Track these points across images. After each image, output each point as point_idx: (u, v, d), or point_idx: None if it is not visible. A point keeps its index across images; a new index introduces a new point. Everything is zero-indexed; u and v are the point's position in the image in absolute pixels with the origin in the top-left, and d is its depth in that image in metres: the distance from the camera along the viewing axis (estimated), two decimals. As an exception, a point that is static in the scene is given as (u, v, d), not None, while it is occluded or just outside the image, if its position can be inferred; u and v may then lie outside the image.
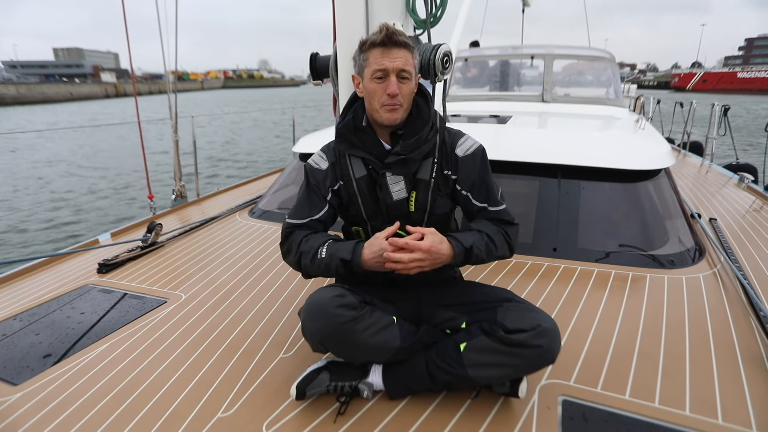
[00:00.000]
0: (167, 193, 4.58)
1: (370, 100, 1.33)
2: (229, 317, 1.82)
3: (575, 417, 1.25)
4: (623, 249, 2.23)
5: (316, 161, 1.46)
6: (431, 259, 1.26)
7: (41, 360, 1.58)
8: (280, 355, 1.56)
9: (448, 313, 1.40)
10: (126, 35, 3.54)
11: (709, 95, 40.72)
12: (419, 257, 1.24)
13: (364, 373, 1.35)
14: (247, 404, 1.32)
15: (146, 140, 4.19)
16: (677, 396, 1.32)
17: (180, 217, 3.33)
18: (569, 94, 4.25)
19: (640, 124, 3.26)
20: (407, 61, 1.30)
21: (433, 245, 1.25)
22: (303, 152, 2.99)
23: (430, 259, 1.26)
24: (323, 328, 1.23)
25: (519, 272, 2.13)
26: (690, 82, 66.11)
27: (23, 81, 61.73)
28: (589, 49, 4.62)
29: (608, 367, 1.46)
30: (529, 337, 1.19)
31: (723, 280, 2.05)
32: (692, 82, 65.62)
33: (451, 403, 1.31)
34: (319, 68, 2.32)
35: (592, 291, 1.94)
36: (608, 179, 2.40)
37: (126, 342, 1.67)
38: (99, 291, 2.10)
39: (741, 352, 1.53)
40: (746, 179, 3.97)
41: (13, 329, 1.78)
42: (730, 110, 6.02)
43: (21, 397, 1.39)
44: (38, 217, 7.83)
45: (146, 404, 1.33)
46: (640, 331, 1.65)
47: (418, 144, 1.36)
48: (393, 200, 1.40)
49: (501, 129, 2.91)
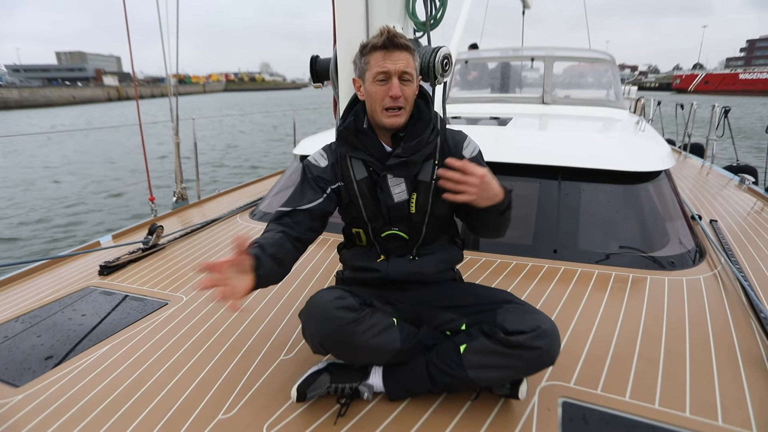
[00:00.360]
0: (168, 195, 4.60)
1: (372, 102, 1.34)
2: (229, 319, 1.82)
3: (575, 419, 1.25)
4: (623, 251, 2.23)
5: (316, 158, 1.46)
6: (482, 187, 1.21)
7: (43, 362, 1.58)
8: (280, 357, 1.57)
9: (448, 315, 1.40)
10: (128, 38, 3.56)
11: (711, 97, 40.49)
12: (474, 182, 1.20)
13: (365, 374, 1.35)
14: (248, 406, 1.33)
15: (147, 144, 4.20)
16: (677, 397, 1.32)
17: (181, 219, 3.34)
18: (570, 96, 4.26)
19: (641, 125, 3.26)
20: (409, 63, 1.30)
21: (487, 174, 1.21)
22: (304, 154, 2.99)
23: (481, 188, 1.21)
24: (323, 329, 1.24)
25: (519, 274, 2.13)
26: (692, 83, 66.01)
27: (26, 85, 61.96)
28: (589, 51, 4.62)
29: (608, 368, 1.46)
30: (529, 339, 1.20)
31: (723, 282, 2.04)
32: (694, 84, 65.53)
33: (451, 405, 1.31)
34: (320, 71, 2.33)
35: (592, 293, 1.94)
36: (608, 181, 2.41)
37: (127, 344, 1.67)
38: (100, 293, 2.11)
39: (741, 354, 1.53)
40: (747, 180, 3.97)
41: (15, 331, 1.79)
42: (732, 112, 6.02)
43: (23, 398, 1.39)
44: (39, 218, 7.87)
45: (147, 406, 1.34)
46: (641, 333, 1.65)
47: (420, 146, 1.36)
48: (394, 202, 1.41)
49: (501, 131, 2.91)
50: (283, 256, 1.27)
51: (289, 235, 1.32)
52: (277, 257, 1.24)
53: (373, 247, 1.50)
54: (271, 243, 1.25)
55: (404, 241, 1.46)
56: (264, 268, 1.17)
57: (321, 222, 1.42)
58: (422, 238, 1.46)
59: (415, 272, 1.46)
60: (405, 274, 1.46)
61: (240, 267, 1.11)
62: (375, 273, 1.47)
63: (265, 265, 1.18)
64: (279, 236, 1.30)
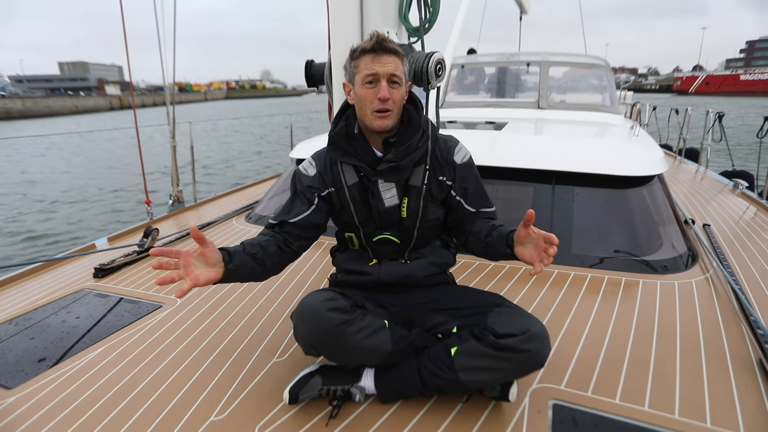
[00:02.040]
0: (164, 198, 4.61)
1: (362, 106, 1.35)
2: (223, 322, 1.83)
3: (565, 421, 1.26)
4: (616, 254, 2.25)
5: (305, 167, 1.49)
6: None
7: (36, 364, 1.59)
8: (273, 359, 1.57)
9: (440, 318, 1.41)
10: (125, 48, 3.62)
11: (713, 98, 39.92)
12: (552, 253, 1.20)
13: (356, 377, 1.35)
14: (240, 407, 1.33)
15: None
16: (667, 400, 1.33)
17: (177, 222, 3.35)
18: (565, 101, 4.28)
19: (635, 130, 3.28)
20: (397, 67, 1.32)
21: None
22: (300, 158, 3.01)
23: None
24: (315, 330, 1.25)
25: (512, 277, 2.14)
26: (692, 85, 65.97)
27: (29, 95, 62.24)
28: (584, 57, 4.65)
29: (599, 371, 1.46)
30: (519, 342, 1.20)
31: (715, 286, 2.05)
32: (695, 86, 65.48)
33: (443, 407, 1.32)
34: (315, 75, 2.35)
35: (584, 296, 1.95)
36: (602, 185, 2.42)
37: (121, 346, 1.68)
38: (95, 295, 2.11)
39: (731, 357, 1.53)
40: (740, 186, 3.98)
41: (8, 333, 1.79)
42: (727, 116, 6.01)
43: (15, 400, 1.40)
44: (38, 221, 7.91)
45: (140, 407, 1.34)
46: (632, 336, 1.66)
47: (409, 151, 1.38)
48: (385, 207, 1.42)
49: (496, 135, 2.93)
50: (263, 256, 1.33)
51: (277, 239, 1.40)
52: (257, 256, 1.31)
53: (365, 250, 1.52)
54: (253, 243, 1.34)
55: (396, 245, 1.48)
56: (235, 263, 1.25)
57: (312, 232, 1.47)
58: (414, 242, 1.47)
59: (407, 275, 1.47)
60: (397, 277, 1.47)
61: (205, 258, 1.20)
62: (367, 276, 1.49)
63: (238, 261, 1.26)
64: (265, 239, 1.38)
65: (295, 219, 1.43)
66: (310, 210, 1.44)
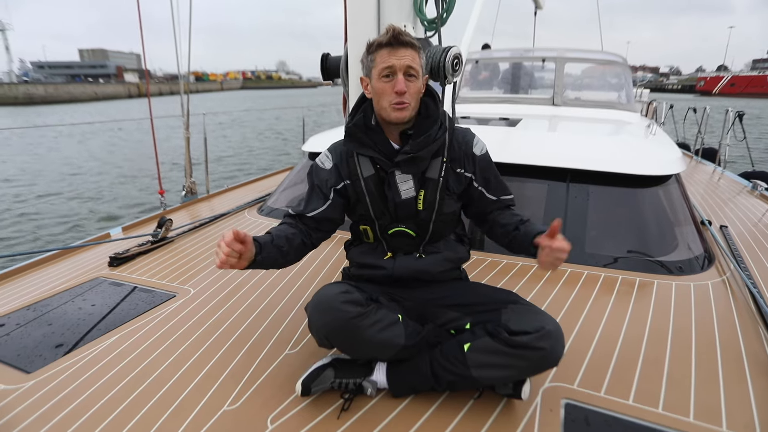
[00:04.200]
0: (178, 188, 4.65)
1: (379, 99, 1.35)
2: (236, 312, 1.85)
3: (577, 420, 1.25)
4: (631, 254, 2.22)
5: (322, 161, 1.50)
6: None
7: (53, 349, 1.62)
8: (286, 351, 1.58)
9: (453, 314, 1.41)
10: (141, 36, 3.65)
11: (738, 100, 38.68)
12: (562, 258, 1.25)
13: (369, 370, 1.36)
14: (253, 398, 1.35)
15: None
16: (681, 402, 1.31)
17: (190, 213, 3.38)
18: (580, 98, 4.21)
19: (651, 129, 3.22)
20: (414, 60, 1.32)
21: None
22: (312, 151, 3.01)
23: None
24: (329, 323, 1.25)
25: (525, 275, 2.12)
26: (717, 86, 64.10)
27: (51, 81, 63.16)
28: (601, 53, 4.57)
29: (612, 371, 1.45)
30: (533, 340, 1.20)
31: (732, 288, 2.02)
32: (719, 86, 63.62)
33: (454, 403, 1.32)
34: (330, 68, 2.35)
35: (598, 295, 1.93)
36: (617, 184, 2.39)
37: (135, 334, 1.71)
38: (110, 284, 2.14)
39: (748, 360, 1.51)
40: (760, 187, 3.89)
41: (26, 319, 1.83)
42: (757, 119, 5.84)
43: (34, 384, 1.43)
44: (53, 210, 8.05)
45: (154, 395, 1.36)
46: (646, 337, 1.64)
47: (427, 142, 1.37)
48: (401, 199, 1.42)
49: (510, 132, 2.90)
50: (288, 249, 1.39)
51: (301, 230, 1.46)
52: (283, 249, 1.38)
53: (380, 244, 1.51)
54: (280, 236, 1.39)
55: (411, 239, 1.47)
56: (264, 255, 1.32)
57: (329, 226, 1.51)
58: (429, 235, 1.47)
59: (422, 270, 1.47)
60: (411, 271, 1.47)
61: (244, 255, 1.25)
62: (381, 270, 1.49)
63: (266, 253, 1.32)
64: (291, 231, 1.43)
65: (311, 213, 1.46)
66: (325, 206, 1.46)
